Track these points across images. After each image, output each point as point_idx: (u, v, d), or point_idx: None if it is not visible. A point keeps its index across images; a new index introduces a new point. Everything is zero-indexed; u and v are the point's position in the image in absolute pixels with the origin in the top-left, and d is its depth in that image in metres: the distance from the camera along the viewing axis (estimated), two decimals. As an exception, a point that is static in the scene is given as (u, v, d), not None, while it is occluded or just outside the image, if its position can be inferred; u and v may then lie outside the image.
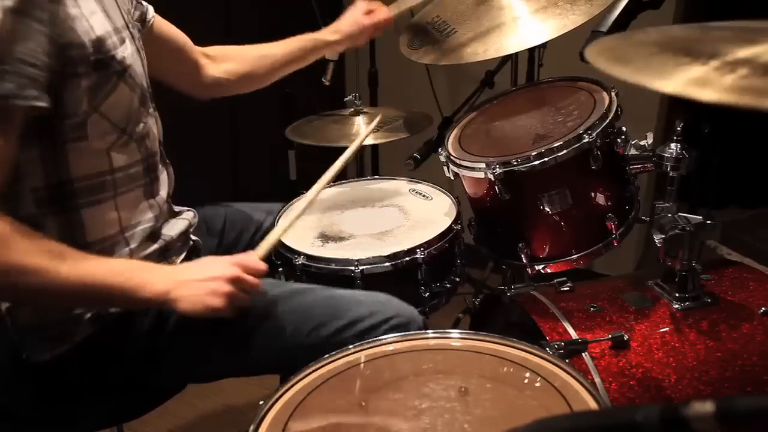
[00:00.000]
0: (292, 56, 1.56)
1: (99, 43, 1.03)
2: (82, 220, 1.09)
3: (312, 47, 1.57)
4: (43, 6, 0.95)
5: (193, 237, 1.32)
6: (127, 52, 1.10)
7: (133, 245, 1.15)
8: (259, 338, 1.16)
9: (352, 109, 1.91)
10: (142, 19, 1.32)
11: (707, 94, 0.61)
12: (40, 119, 0.99)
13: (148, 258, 1.18)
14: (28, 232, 0.98)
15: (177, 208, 1.31)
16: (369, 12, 1.61)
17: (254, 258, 1.14)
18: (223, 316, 1.07)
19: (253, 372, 1.27)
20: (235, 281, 1.07)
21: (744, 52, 0.68)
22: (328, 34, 1.59)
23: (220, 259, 1.12)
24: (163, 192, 1.24)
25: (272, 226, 1.52)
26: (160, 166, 1.23)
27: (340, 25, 1.60)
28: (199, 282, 1.06)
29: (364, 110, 1.92)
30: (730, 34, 0.77)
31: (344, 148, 1.43)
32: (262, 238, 1.50)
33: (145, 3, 1.32)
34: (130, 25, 1.17)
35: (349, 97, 1.92)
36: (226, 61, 1.51)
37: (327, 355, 1.01)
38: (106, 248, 1.12)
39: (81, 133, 1.05)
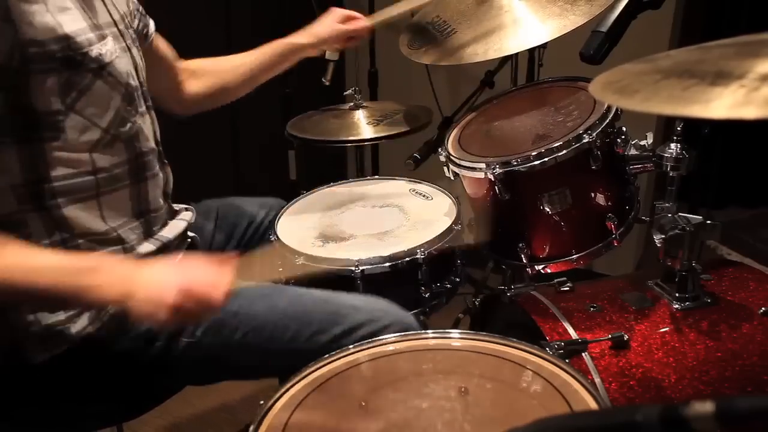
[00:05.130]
0: (268, 63, 1.55)
1: (67, 39, 1.01)
2: (66, 218, 1.07)
3: (288, 51, 1.57)
4: None
5: (190, 234, 1.32)
6: (106, 48, 1.07)
7: (127, 245, 1.15)
8: (258, 343, 1.16)
9: (352, 104, 1.90)
10: (145, 33, 1.31)
11: (751, 112, 0.61)
12: (12, 117, 0.98)
13: (146, 258, 1.17)
14: None
15: (176, 207, 1.31)
16: (349, 19, 1.62)
17: (224, 278, 1.03)
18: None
19: (250, 376, 1.27)
20: (192, 298, 0.99)
21: (760, 67, 0.67)
22: (303, 37, 1.58)
23: (183, 265, 1.04)
24: (159, 193, 1.23)
25: (267, 219, 1.53)
26: (156, 166, 1.22)
27: (316, 28, 1.60)
28: (154, 292, 0.98)
29: (364, 104, 1.91)
30: (732, 51, 0.77)
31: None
32: (255, 231, 1.52)
33: (148, 17, 1.32)
34: (120, 24, 1.16)
35: (349, 91, 1.91)
36: (202, 75, 1.50)
37: (327, 355, 1.01)
38: (100, 244, 1.11)
39: (59, 133, 1.03)
